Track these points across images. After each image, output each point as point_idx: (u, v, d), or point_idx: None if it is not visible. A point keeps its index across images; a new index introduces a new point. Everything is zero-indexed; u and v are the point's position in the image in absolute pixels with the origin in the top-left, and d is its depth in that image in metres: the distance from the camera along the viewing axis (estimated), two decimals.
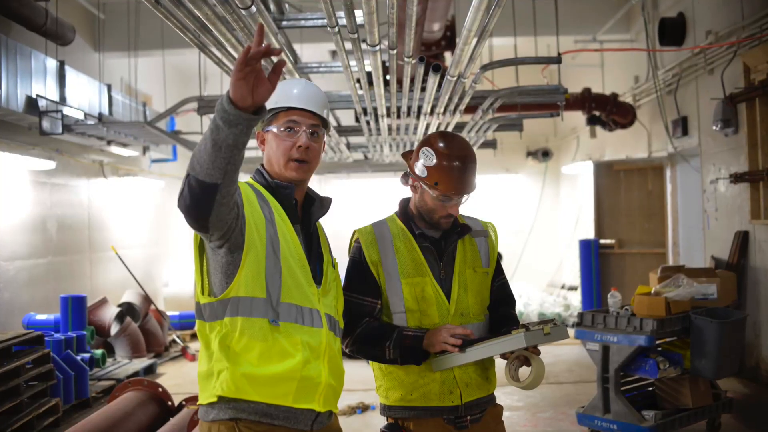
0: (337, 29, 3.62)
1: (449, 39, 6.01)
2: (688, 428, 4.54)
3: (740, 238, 6.20)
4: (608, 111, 8.61)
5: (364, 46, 3.97)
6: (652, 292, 4.61)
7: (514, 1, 6.54)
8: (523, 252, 12.46)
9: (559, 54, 5.35)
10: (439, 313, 2.30)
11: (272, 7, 4.21)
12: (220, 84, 8.53)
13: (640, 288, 4.69)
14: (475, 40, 3.70)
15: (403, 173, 2.44)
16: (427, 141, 2.33)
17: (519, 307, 9.67)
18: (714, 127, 6.29)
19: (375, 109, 6.14)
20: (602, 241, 8.74)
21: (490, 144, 9.32)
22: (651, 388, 4.79)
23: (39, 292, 7.19)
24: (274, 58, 3.92)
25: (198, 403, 2.01)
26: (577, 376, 6.62)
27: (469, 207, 2.43)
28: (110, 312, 7.39)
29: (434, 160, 2.27)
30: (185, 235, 10.60)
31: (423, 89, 5.33)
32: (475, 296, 2.37)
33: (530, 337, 2.15)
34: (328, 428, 2.07)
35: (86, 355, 6.11)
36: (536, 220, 12.79)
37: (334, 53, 9.68)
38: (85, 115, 6.96)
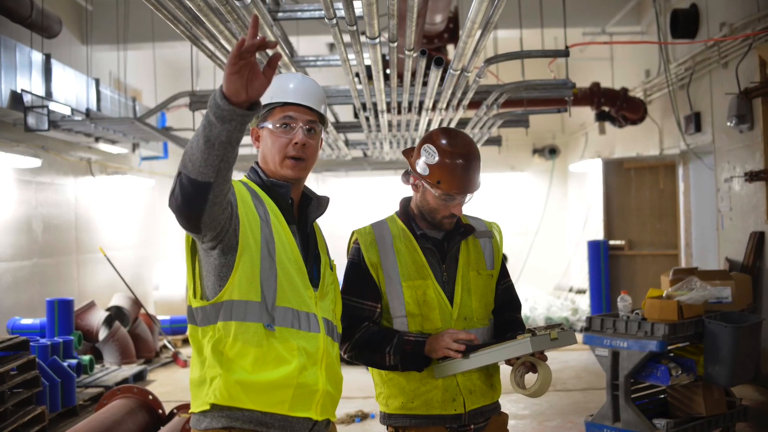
0: (335, 21, 3.60)
1: (452, 31, 6.00)
2: None
3: (756, 239, 6.14)
4: (618, 106, 8.51)
5: (363, 38, 3.93)
6: (664, 295, 4.58)
7: None
8: (529, 253, 12.34)
9: (567, 47, 5.29)
10: (441, 318, 2.29)
11: None
12: (213, 78, 8.48)
13: (651, 291, 4.68)
14: (479, 33, 3.66)
15: (403, 171, 2.41)
16: (429, 138, 2.31)
17: (525, 311, 9.61)
18: (728, 123, 6.24)
19: (374, 105, 6.09)
20: (612, 242, 8.64)
21: (495, 141, 9.28)
22: (662, 396, 4.75)
23: (24, 296, 7.12)
24: (270, 52, 3.90)
25: (190, 411, 1.98)
26: (585, 383, 6.57)
27: (473, 207, 2.42)
28: (98, 316, 7.33)
29: (436, 158, 2.25)
30: (176, 236, 10.65)
31: (425, 84, 5.29)
32: (479, 300, 2.35)
33: (537, 343, 2.13)
34: None
35: (73, 361, 6.03)
36: (543, 221, 12.66)
37: (331, 46, 9.72)
38: (72, 110, 6.88)
